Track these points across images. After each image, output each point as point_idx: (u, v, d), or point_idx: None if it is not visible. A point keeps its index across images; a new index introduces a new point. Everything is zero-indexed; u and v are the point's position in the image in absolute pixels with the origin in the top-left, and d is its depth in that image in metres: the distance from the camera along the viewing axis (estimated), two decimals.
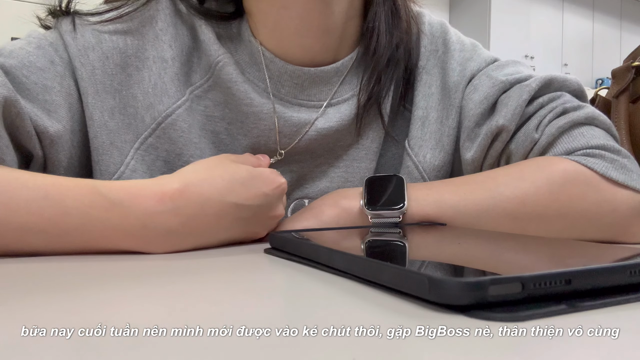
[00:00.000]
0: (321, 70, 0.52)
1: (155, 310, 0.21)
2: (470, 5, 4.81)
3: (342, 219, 0.45)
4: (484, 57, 0.56)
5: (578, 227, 0.44)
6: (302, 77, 0.52)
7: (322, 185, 0.53)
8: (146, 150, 0.49)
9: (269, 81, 0.52)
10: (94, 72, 0.48)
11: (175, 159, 0.49)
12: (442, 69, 0.55)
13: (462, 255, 0.30)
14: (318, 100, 0.53)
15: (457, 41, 0.57)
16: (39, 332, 0.18)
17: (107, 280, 0.27)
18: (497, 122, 0.48)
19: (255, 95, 0.50)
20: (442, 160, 0.53)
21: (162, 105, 0.49)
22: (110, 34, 0.49)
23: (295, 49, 0.51)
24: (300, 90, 0.52)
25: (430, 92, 0.55)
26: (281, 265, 0.31)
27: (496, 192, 0.44)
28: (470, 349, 0.16)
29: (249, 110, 0.50)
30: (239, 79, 0.50)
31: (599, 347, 0.16)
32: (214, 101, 0.51)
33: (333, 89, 0.53)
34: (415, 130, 0.53)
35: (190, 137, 0.49)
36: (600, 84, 4.22)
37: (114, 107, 0.48)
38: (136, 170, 0.48)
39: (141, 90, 0.49)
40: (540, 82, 0.49)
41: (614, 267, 0.22)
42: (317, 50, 0.52)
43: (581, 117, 0.47)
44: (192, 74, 0.52)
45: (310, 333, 0.17)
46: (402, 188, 0.45)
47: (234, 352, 0.16)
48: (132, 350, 0.16)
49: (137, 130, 0.49)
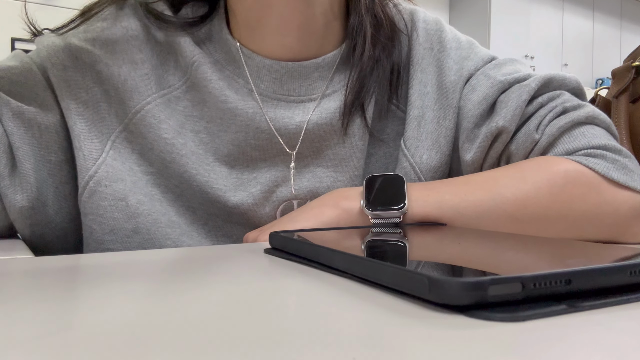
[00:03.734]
0: (300, 65, 0.52)
1: (154, 310, 0.21)
2: (470, 5, 4.81)
3: (343, 219, 0.45)
4: (481, 55, 0.55)
5: (579, 228, 0.44)
6: (280, 71, 0.51)
7: (311, 186, 0.53)
8: (121, 144, 0.51)
9: (250, 77, 0.52)
10: (65, 70, 0.50)
11: (149, 153, 0.51)
12: (438, 67, 0.55)
13: (462, 255, 0.30)
14: (298, 95, 0.52)
15: (453, 39, 0.56)
16: (38, 331, 0.18)
17: (103, 280, 0.27)
18: (497, 123, 0.48)
19: (231, 92, 0.51)
20: (439, 161, 0.52)
21: (132, 101, 0.50)
22: (80, 40, 0.50)
23: (275, 47, 0.51)
24: (279, 85, 0.52)
25: (426, 90, 0.54)
26: (281, 266, 0.31)
27: (497, 193, 0.44)
28: (470, 349, 0.16)
29: (225, 107, 0.51)
30: (214, 77, 0.51)
31: (599, 348, 0.16)
32: (193, 101, 0.52)
33: (314, 85, 0.53)
34: (411, 130, 0.53)
35: (159, 133, 0.50)
36: (600, 84, 4.22)
37: (87, 101, 0.50)
38: (116, 159, 0.50)
39: (112, 86, 0.50)
40: (539, 82, 0.49)
41: (615, 267, 0.22)
42: (297, 50, 0.52)
43: (582, 116, 0.47)
44: (167, 77, 0.53)
45: (310, 333, 0.17)
46: (402, 188, 0.45)
47: (233, 352, 0.16)
48: (131, 350, 0.16)
49: (111, 125, 0.50)
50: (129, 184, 0.50)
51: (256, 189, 0.51)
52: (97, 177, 0.48)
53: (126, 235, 0.49)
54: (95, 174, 0.48)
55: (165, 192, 0.51)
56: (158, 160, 0.51)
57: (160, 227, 0.50)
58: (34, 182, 0.48)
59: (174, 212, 0.51)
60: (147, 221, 0.49)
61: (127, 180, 0.49)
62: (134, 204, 0.49)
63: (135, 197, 0.49)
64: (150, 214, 0.50)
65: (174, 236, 0.50)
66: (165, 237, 0.50)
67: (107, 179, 0.49)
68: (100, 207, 0.48)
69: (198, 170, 0.50)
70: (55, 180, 0.50)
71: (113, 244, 0.49)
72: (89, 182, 0.48)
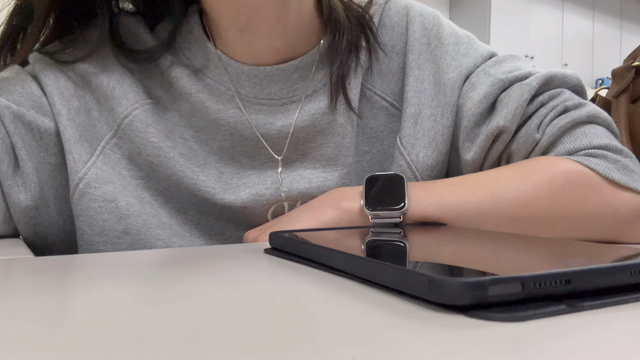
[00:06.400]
0: (278, 68, 0.51)
1: (154, 309, 0.21)
2: (470, 5, 4.81)
3: (343, 220, 0.45)
4: (480, 51, 0.54)
5: (579, 229, 0.44)
6: (258, 76, 0.51)
7: (301, 187, 0.52)
8: (111, 150, 0.51)
9: (231, 83, 0.52)
10: (57, 80, 0.51)
11: (137, 157, 0.51)
12: (435, 63, 0.54)
13: (462, 255, 0.30)
14: (279, 99, 0.52)
15: (450, 34, 0.55)
16: (38, 331, 0.18)
17: (103, 280, 0.27)
18: (498, 123, 0.48)
19: (212, 102, 0.51)
20: (435, 160, 0.52)
21: (120, 107, 0.50)
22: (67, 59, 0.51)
23: (252, 48, 0.51)
24: (259, 89, 0.52)
25: (423, 87, 0.53)
26: (281, 266, 0.31)
27: (497, 194, 0.44)
28: (470, 349, 0.16)
29: (209, 118, 0.51)
30: (194, 90, 0.51)
31: (599, 348, 0.16)
32: (180, 111, 0.53)
33: (295, 86, 0.52)
34: (407, 128, 0.52)
35: (146, 137, 0.50)
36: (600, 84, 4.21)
37: (79, 108, 0.51)
38: (106, 163, 0.50)
39: (102, 94, 0.51)
40: (540, 80, 0.49)
41: (615, 267, 0.22)
42: (276, 50, 0.51)
43: (583, 115, 0.47)
44: (155, 89, 0.53)
45: (310, 333, 0.17)
46: (402, 188, 0.45)
47: (233, 352, 0.16)
48: (132, 349, 0.16)
49: (101, 131, 0.51)
50: (119, 186, 0.50)
51: (245, 193, 0.51)
52: (86, 179, 0.49)
53: (116, 237, 0.49)
54: (84, 176, 0.49)
55: (155, 195, 0.51)
56: (146, 164, 0.51)
57: (151, 228, 0.50)
58: (37, 182, 0.48)
59: (165, 213, 0.51)
60: (137, 222, 0.49)
61: (116, 184, 0.50)
62: (123, 205, 0.49)
63: (125, 199, 0.50)
64: (141, 215, 0.50)
65: (164, 237, 0.50)
66: (156, 238, 0.50)
67: (96, 181, 0.49)
68: (90, 208, 0.49)
69: (186, 173, 0.50)
70: (55, 182, 0.50)
71: (103, 245, 0.49)
72: (79, 184, 0.49)
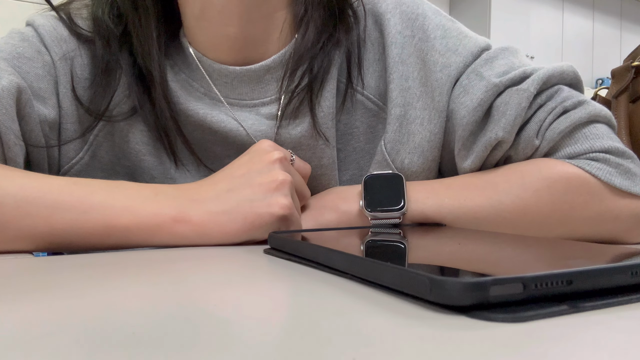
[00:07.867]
0: (248, 69, 0.50)
1: (154, 309, 0.21)
2: (470, 5, 4.81)
3: (342, 221, 0.45)
4: (469, 48, 0.50)
5: (578, 234, 0.44)
6: (229, 75, 0.50)
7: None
8: (101, 140, 0.52)
9: (204, 80, 0.51)
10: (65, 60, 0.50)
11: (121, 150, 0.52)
12: (421, 59, 0.50)
13: (462, 255, 0.30)
14: (250, 99, 0.51)
15: (437, 26, 0.50)
16: (38, 331, 0.18)
17: (105, 280, 0.27)
18: (497, 135, 0.45)
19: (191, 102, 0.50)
20: (421, 167, 0.49)
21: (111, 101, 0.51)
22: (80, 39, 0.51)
23: (220, 39, 0.49)
24: (231, 89, 0.51)
25: (407, 85, 0.49)
26: (281, 266, 0.31)
27: (496, 200, 0.43)
28: (471, 349, 0.16)
29: (187, 120, 0.51)
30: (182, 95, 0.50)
31: (600, 348, 0.16)
32: None
33: (266, 87, 0.51)
34: (392, 132, 0.49)
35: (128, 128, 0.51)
36: (600, 84, 4.22)
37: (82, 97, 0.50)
38: (95, 156, 0.51)
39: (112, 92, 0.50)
40: (538, 84, 0.45)
41: (616, 267, 0.22)
42: (226, 43, 0.49)
43: (583, 117, 0.45)
44: None
45: (310, 333, 0.17)
46: (401, 188, 0.44)
47: (233, 353, 0.16)
48: (132, 349, 0.16)
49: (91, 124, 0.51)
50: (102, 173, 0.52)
51: None
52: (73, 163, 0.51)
53: None
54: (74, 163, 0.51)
55: None
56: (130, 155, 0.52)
57: None
58: None
59: None
60: None
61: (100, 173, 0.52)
62: None
63: None
64: None
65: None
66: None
67: None
68: None
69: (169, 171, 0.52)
70: None
71: None
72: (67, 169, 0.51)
